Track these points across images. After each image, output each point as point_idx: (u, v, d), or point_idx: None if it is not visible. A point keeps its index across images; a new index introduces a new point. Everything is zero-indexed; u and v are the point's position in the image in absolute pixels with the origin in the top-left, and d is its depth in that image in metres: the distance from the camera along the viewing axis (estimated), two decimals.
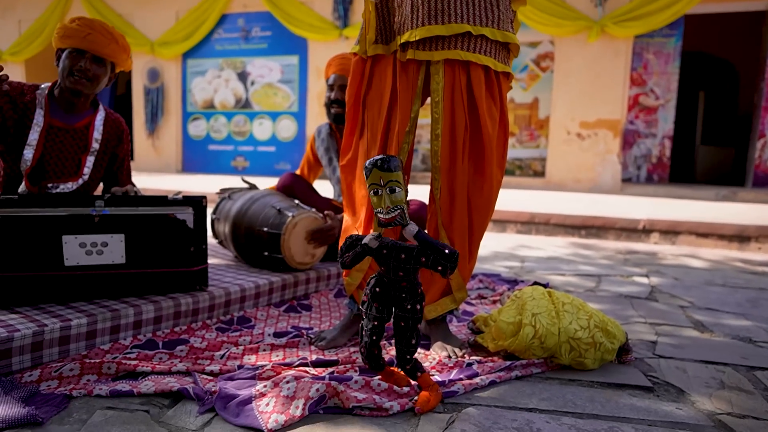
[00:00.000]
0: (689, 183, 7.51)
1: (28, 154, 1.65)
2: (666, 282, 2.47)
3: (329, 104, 2.17)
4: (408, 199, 2.34)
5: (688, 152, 8.28)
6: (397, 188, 1.06)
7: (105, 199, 1.48)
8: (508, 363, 1.31)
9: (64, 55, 1.69)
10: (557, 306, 1.37)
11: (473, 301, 2.01)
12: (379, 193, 1.07)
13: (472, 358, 1.38)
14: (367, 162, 1.08)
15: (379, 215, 1.08)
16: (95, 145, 1.78)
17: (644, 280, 2.51)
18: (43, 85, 1.73)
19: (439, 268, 1.06)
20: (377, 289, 1.14)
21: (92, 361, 1.22)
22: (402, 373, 1.18)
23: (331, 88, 2.16)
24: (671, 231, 3.72)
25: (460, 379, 1.22)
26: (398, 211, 1.06)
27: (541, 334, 1.32)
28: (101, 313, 1.37)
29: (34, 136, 1.66)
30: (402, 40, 1.37)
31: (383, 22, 1.43)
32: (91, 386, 1.14)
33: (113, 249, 1.49)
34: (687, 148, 8.35)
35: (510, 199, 5.03)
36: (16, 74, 8.96)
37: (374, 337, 1.15)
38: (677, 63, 6.51)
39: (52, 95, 1.74)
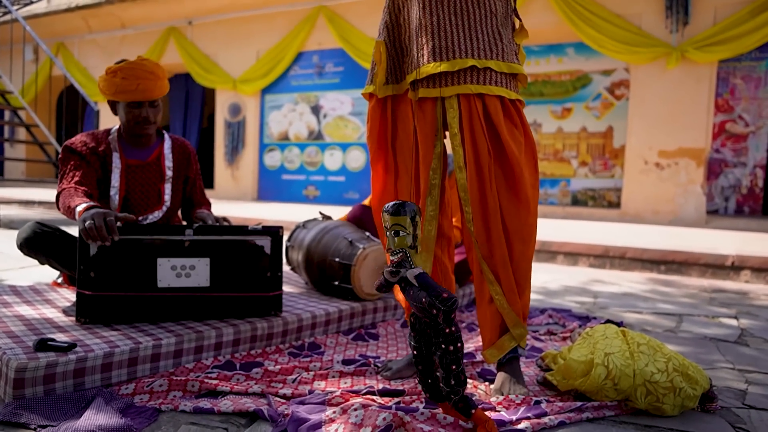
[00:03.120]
0: None
1: (114, 194, 1.82)
2: (759, 325, 2.27)
3: None
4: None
5: None
6: (401, 232, 1.12)
7: (194, 228, 1.62)
8: (578, 404, 1.27)
9: (120, 107, 1.81)
10: (632, 346, 1.32)
11: (542, 337, 1.96)
12: (387, 235, 1.15)
13: (540, 396, 1.35)
14: (385, 206, 1.16)
15: (389, 256, 1.15)
16: (169, 173, 1.91)
17: (733, 321, 2.32)
18: (112, 130, 1.88)
19: (434, 311, 1.06)
20: (412, 319, 1.18)
21: (178, 378, 1.32)
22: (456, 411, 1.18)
23: None
24: (765, 268, 3.42)
25: (528, 418, 1.20)
26: (400, 254, 1.13)
27: (614, 376, 1.27)
28: (187, 334, 1.48)
29: (115, 178, 1.82)
30: (410, 79, 1.42)
31: (392, 61, 1.49)
32: (178, 402, 1.24)
33: (199, 272, 1.62)
34: None
35: (582, 230, 4.86)
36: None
37: (420, 367, 1.18)
38: None
39: (122, 137, 1.88)
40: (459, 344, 1.12)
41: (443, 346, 1.11)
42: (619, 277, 3.46)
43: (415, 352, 1.18)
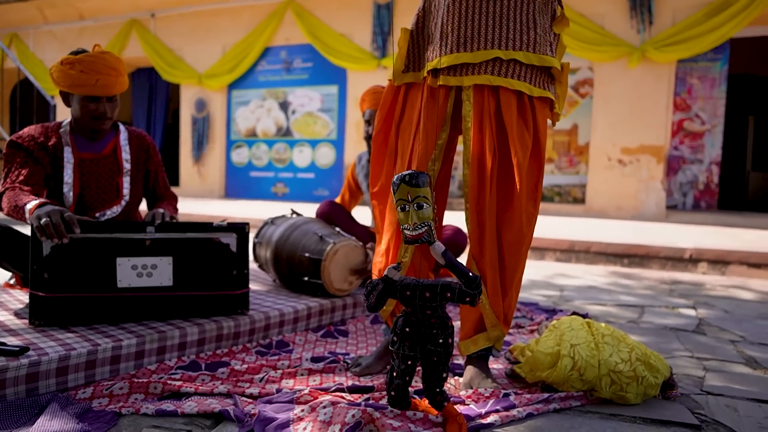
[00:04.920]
0: (740, 210, 7.19)
1: (68, 191, 1.72)
2: (715, 314, 2.36)
3: (369, 138, 2.24)
4: (445, 224, 2.35)
5: (738, 179, 7.96)
6: (424, 204, 1.04)
7: (155, 225, 1.57)
8: (546, 395, 1.29)
9: (75, 99, 1.71)
10: (597, 337, 1.35)
11: (510, 330, 1.99)
12: (406, 209, 1.05)
13: (509, 389, 1.36)
14: (395, 177, 1.06)
15: (405, 232, 1.06)
16: (127, 166, 1.82)
17: (691, 312, 2.41)
18: (64, 122, 1.79)
19: (467, 299, 1.03)
20: (407, 329, 1.10)
21: (140, 380, 1.27)
22: (426, 405, 1.17)
23: (368, 123, 2.24)
24: (720, 261, 3.56)
25: (497, 411, 1.21)
26: (425, 227, 1.04)
27: (580, 366, 1.29)
28: (149, 334, 1.43)
29: (68, 173, 1.72)
30: (430, 67, 1.37)
31: (417, 49, 1.44)
32: (139, 405, 1.19)
33: (162, 271, 1.56)
34: (737, 174, 8.03)
35: (549, 226, 4.95)
36: None
37: (407, 378, 1.12)
38: (724, 87, 6.33)
39: (74, 129, 1.79)
40: (454, 334, 1.12)
41: (441, 340, 1.08)
42: (584, 271, 3.55)
43: (409, 363, 1.11)
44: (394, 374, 1.13)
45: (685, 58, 6.10)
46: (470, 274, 1.02)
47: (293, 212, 2.39)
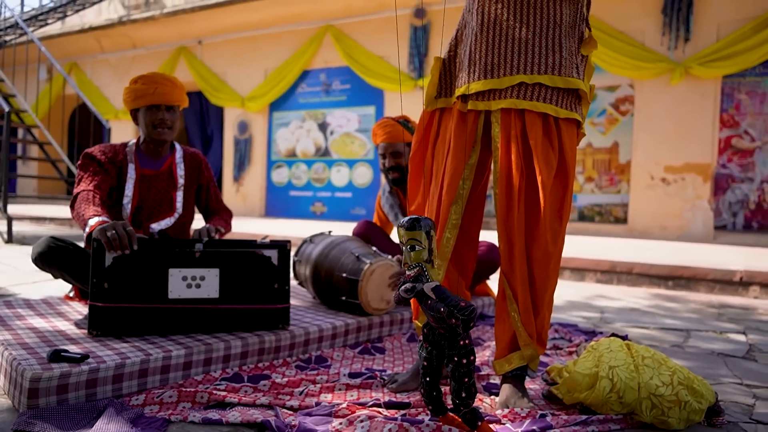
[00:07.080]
0: None
1: (127, 203, 1.93)
2: (767, 341, 2.26)
3: (386, 171, 2.30)
4: (480, 241, 2.35)
5: None
6: (417, 246, 1.14)
7: (204, 242, 1.66)
8: (584, 417, 1.28)
9: (141, 114, 1.95)
10: (636, 359, 1.33)
11: (548, 352, 1.96)
12: (403, 250, 1.16)
13: (545, 410, 1.35)
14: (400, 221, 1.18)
15: (406, 269, 1.17)
16: (181, 181, 2.03)
17: (740, 337, 2.31)
18: (130, 142, 2.02)
19: (453, 321, 1.07)
20: (425, 330, 1.19)
21: (188, 390, 1.34)
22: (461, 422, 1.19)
23: (383, 156, 2.30)
24: None
25: (533, 431, 1.21)
26: (417, 268, 1.14)
27: (619, 389, 1.28)
28: (196, 346, 1.51)
29: (129, 187, 1.94)
30: (459, 93, 1.43)
31: (449, 76, 1.49)
32: (187, 413, 1.26)
33: (209, 283, 1.65)
34: None
35: (589, 246, 4.85)
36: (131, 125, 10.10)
37: (428, 378, 1.19)
38: None
39: (139, 149, 2.02)
40: (472, 357, 1.13)
41: (456, 359, 1.12)
42: (626, 293, 3.45)
43: (425, 363, 1.19)
44: (421, 373, 1.20)
45: (731, 73, 5.92)
46: (461, 303, 1.08)
47: (327, 232, 2.43)
